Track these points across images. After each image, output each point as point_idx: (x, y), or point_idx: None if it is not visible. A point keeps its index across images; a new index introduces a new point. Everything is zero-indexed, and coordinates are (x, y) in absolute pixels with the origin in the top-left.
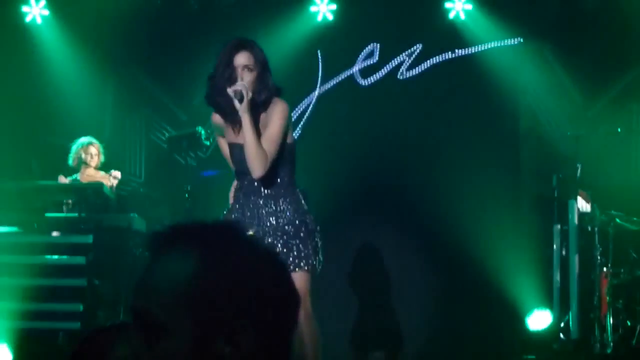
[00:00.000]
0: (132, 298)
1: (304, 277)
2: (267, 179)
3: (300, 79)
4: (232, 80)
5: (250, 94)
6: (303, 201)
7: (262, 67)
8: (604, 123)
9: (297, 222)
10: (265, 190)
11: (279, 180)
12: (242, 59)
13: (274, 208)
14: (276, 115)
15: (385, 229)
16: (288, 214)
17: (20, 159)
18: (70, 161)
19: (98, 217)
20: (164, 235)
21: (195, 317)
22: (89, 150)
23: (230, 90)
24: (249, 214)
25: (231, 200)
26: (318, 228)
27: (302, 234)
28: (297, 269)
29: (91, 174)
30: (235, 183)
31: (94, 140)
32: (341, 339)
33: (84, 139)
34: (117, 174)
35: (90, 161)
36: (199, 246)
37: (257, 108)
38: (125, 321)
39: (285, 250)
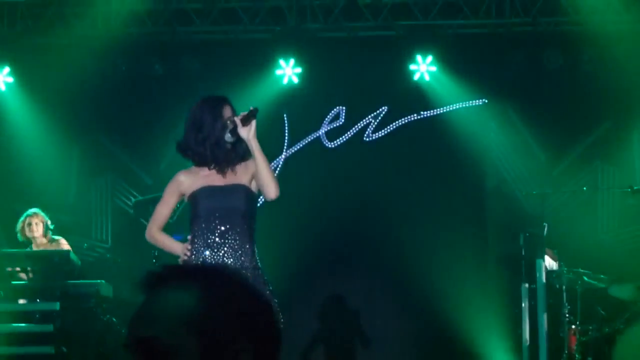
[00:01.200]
0: (134, 329)
1: None
2: (236, 226)
3: (267, 142)
4: (225, 129)
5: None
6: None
7: None
8: (569, 181)
9: (256, 270)
10: (232, 235)
11: (246, 229)
12: (228, 112)
13: (238, 253)
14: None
15: (353, 288)
16: (248, 261)
17: None
18: (20, 238)
19: (65, 283)
20: (159, 273)
21: (202, 341)
22: (30, 222)
23: (237, 119)
24: (213, 255)
25: (187, 253)
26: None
27: (262, 283)
28: None
29: (42, 244)
30: (186, 247)
31: (33, 212)
32: None
33: (27, 212)
34: (63, 241)
35: (35, 232)
36: (197, 280)
37: (238, 158)
38: None
39: None
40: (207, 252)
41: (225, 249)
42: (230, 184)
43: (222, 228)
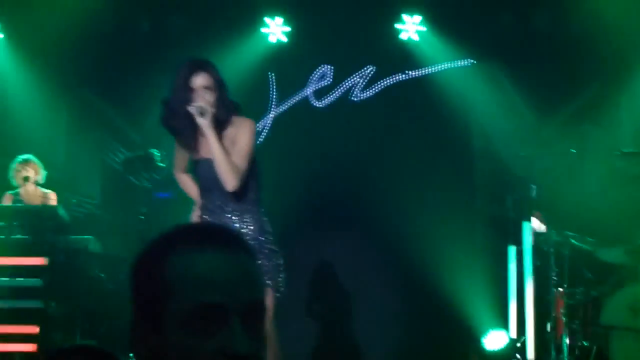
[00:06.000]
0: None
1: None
2: (233, 195)
3: (254, 101)
4: (189, 102)
5: (212, 110)
6: (267, 222)
7: (219, 86)
8: (558, 143)
9: (261, 238)
10: (230, 206)
11: (244, 196)
12: (200, 80)
13: (238, 225)
14: (244, 131)
15: (340, 248)
16: (251, 228)
17: None
18: (11, 179)
19: (53, 238)
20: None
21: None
22: (26, 167)
23: (191, 108)
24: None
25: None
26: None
27: (265, 251)
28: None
29: (30, 192)
30: (197, 207)
31: (31, 158)
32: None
33: (21, 157)
34: (53, 195)
35: (29, 179)
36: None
37: (220, 125)
38: (85, 343)
39: None
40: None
41: (225, 220)
42: (207, 157)
43: (219, 201)
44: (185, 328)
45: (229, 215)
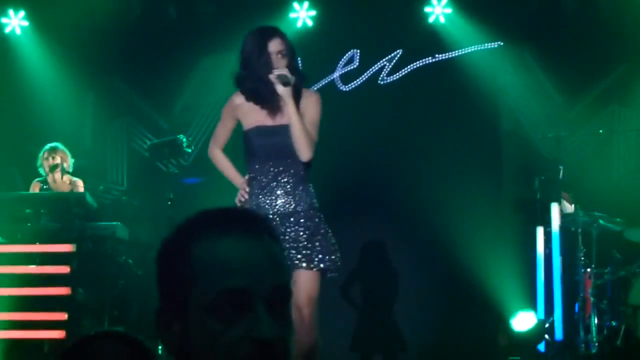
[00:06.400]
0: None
1: (316, 277)
2: (289, 167)
3: None
4: (269, 65)
5: (293, 79)
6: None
7: (292, 52)
8: (585, 124)
9: (315, 219)
10: (286, 177)
11: (300, 171)
12: (275, 45)
13: (291, 196)
14: (315, 104)
15: (368, 233)
16: (303, 203)
17: (2, 170)
18: (39, 167)
19: (81, 225)
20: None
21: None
22: (53, 155)
23: (273, 76)
24: (266, 199)
25: (245, 195)
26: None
27: (322, 231)
28: (306, 267)
29: (58, 179)
30: (245, 179)
31: (58, 146)
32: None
33: (48, 145)
34: (80, 182)
35: (56, 167)
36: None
37: (295, 95)
38: (113, 329)
39: (308, 244)
40: (261, 197)
41: (279, 192)
42: (280, 124)
43: (275, 170)
44: (209, 314)
45: (283, 186)
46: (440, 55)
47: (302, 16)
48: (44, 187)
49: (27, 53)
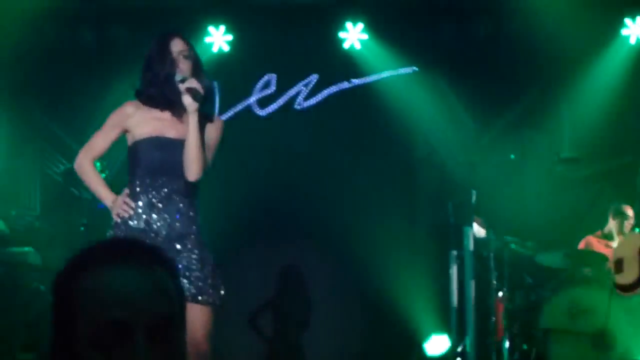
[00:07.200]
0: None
1: (210, 312)
2: (184, 187)
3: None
4: (173, 65)
5: (203, 92)
6: None
7: (196, 58)
8: (498, 150)
9: (204, 246)
10: (178, 197)
11: (193, 192)
12: (177, 45)
13: (185, 217)
14: (218, 129)
15: (283, 256)
16: (195, 227)
17: None
18: None
19: None
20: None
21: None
22: None
23: (183, 87)
24: (159, 218)
25: (128, 210)
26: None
27: (212, 262)
28: (202, 301)
29: None
30: (124, 194)
31: None
32: None
33: None
34: None
35: None
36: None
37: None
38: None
39: (200, 275)
40: (154, 215)
41: (172, 212)
42: (181, 138)
43: (168, 188)
44: (93, 347)
45: (176, 206)
46: (355, 81)
47: (218, 41)
48: None
49: None
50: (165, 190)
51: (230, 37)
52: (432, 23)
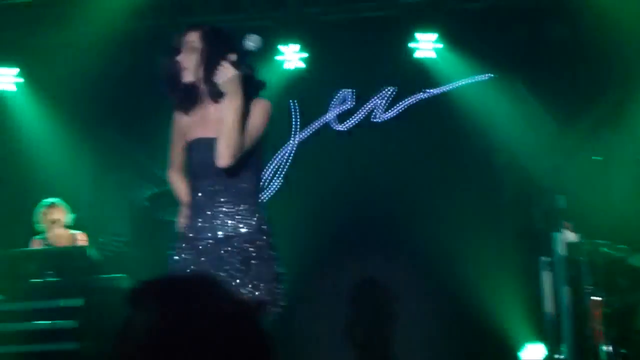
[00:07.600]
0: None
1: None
2: (229, 185)
3: (275, 129)
4: (175, 66)
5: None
6: (267, 222)
7: (211, 46)
8: (582, 152)
9: (259, 242)
10: (224, 195)
11: (242, 186)
12: (184, 41)
13: (230, 221)
14: (261, 109)
15: (370, 269)
16: (248, 223)
17: (2, 226)
18: (37, 224)
19: (86, 279)
20: (137, 290)
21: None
22: (52, 211)
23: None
24: (205, 223)
25: (185, 222)
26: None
27: (265, 256)
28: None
29: (59, 234)
30: (186, 205)
31: (56, 201)
32: None
33: (45, 201)
34: (82, 236)
35: (57, 221)
36: (162, 302)
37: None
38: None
39: (242, 267)
40: (200, 219)
41: (220, 214)
42: (208, 136)
43: (213, 188)
44: None
45: (221, 207)
46: (432, 90)
47: (292, 59)
48: (45, 243)
49: (23, 109)
50: (208, 191)
51: (304, 55)
52: (505, 27)
